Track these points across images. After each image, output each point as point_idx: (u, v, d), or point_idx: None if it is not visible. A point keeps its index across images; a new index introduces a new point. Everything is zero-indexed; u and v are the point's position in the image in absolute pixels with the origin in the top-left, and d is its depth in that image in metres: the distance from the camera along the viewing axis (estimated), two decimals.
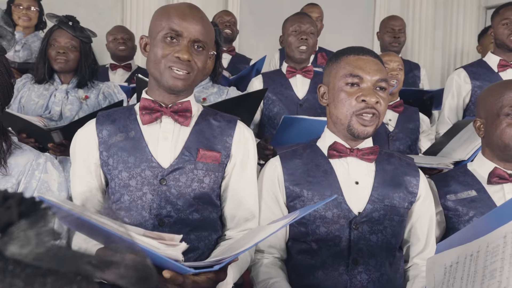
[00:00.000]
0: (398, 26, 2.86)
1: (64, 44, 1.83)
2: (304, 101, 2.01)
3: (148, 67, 1.14)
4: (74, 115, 1.84)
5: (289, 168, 1.23)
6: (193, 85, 1.16)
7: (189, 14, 1.11)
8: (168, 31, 1.08)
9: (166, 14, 1.12)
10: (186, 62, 1.08)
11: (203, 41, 1.11)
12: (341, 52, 1.25)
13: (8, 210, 0.30)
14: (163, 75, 1.09)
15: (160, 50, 1.09)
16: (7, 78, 1.14)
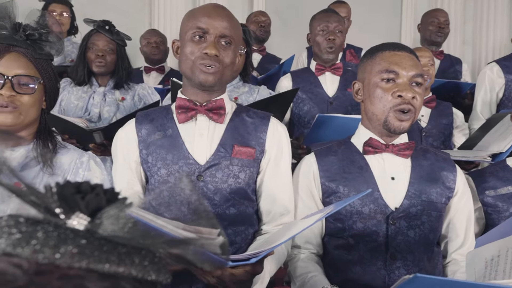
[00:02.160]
0: (443, 17, 2.82)
1: (102, 47, 1.90)
2: (334, 99, 2.00)
3: (180, 67, 1.19)
4: (112, 116, 1.90)
5: (324, 165, 1.24)
6: (224, 80, 1.18)
7: (213, 11, 1.15)
8: (195, 30, 1.12)
9: (192, 15, 1.17)
10: (214, 58, 1.11)
11: (229, 36, 1.14)
12: (376, 48, 1.26)
13: (97, 197, 0.33)
14: (194, 72, 1.13)
15: (189, 49, 1.13)
16: (54, 83, 1.19)
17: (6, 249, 0.30)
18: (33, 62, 1.12)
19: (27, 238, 0.30)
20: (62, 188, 0.33)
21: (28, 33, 1.12)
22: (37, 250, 0.30)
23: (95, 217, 0.33)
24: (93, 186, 0.35)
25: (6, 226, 0.31)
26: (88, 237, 0.32)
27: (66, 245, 0.30)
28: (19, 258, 0.30)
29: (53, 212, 0.33)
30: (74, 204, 0.33)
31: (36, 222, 0.32)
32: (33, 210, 0.33)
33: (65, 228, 0.32)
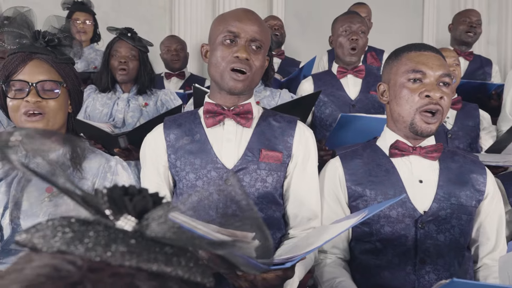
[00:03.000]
0: (475, 17, 2.78)
1: (124, 54, 1.94)
2: (356, 102, 1.98)
3: (209, 71, 1.19)
4: (136, 122, 1.94)
5: (350, 168, 1.22)
6: (252, 85, 1.19)
7: (244, 16, 1.16)
8: (226, 34, 1.13)
9: (223, 19, 1.18)
10: (244, 61, 1.12)
11: (259, 40, 1.15)
12: (401, 49, 1.24)
13: (144, 199, 0.34)
14: (223, 78, 1.14)
15: (220, 53, 1.14)
16: (77, 86, 1.22)
17: (61, 247, 0.31)
18: (55, 67, 1.15)
19: (80, 237, 0.32)
20: (111, 190, 0.34)
21: (47, 39, 1.15)
22: (90, 248, 0.31)
23: (142, 218, 0.34)
24: (140, 189, 0.35)
25: (60, 226, 0.33)
26: (136, 238, 0.33)
27: (117, 244, 0.31)
28: (73, 256, 0.31)
29: (103, 214, 0.34)
30: (123, 206, 0.34)
31: (87, 222, 0.33)
32: (83, 212, 0.34)
33: (114, 229, 0.33)
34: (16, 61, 1.12)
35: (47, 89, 1.12)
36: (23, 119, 1.11)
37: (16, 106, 1.11)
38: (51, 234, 0.32)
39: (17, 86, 1.11)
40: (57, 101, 1.14)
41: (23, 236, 0.33)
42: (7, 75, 1.12)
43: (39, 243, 0.32)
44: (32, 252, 0.32)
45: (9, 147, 0.35)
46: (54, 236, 0.32)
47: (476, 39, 2.79)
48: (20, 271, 0.30)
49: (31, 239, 0.32)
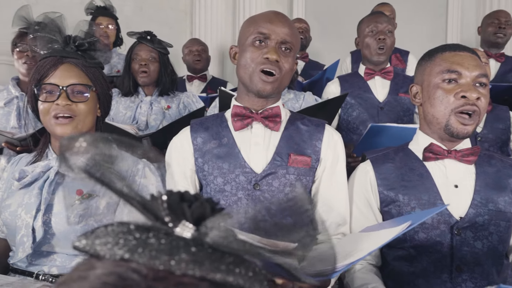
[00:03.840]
0: (504, 17, 2.71)
1: (145, 56, 1.96)
2: (385, 104, 1.94)
3: (238, 73, 1.18)
4: (159, 124, 1.95)
5: (382, 173, 1.19)
6: (281, 88, 1.17)
7: (275, 18, 1.15)
8: (257, 35, 1.12)
9: (253, 21, 1.17)
10: (274, 63, 1.10)
11: (290, 42, 1.13)
12: (435, 50, 1.21)
13: (202, 206, 0.33)
14: (252, 79, 1.12)
15: (249, 54, 1.13)
16: (106, 90, 1.23)
17: (125, 255, 0.30)
18: (84, 71, 1.16)
19: (142, 244, 0.31)
20: (168, 196, 0.33)
21: (78, 44, 1.16)
22: (154, 256, 0.30)
23: (200, 225, 0.33)
24: (196, 196, 0.34)
25: (121, 233, 0.32)
26: (197, 246, 0.32)
27: (180, 253, 0.30)
28: (137, 264, 0.30)
29: (162, 220, 0.33)
30: (181, 212, 0.33)
31: (147, 229, 0.32)
32: (141, 218, 0.33)
33: (174, 236, 0.32)
34: (48, 65, 1.13)
35: (77, 92, 1.14)
36: (53, 122, 1.12)
37: (47, 109, 1.12)
38: (113, 240, 0.31)
39: (48, 89, 1.12)
40: (87, 104, 1.15)
41: (83, 242, 0.32)
42: (39, 79, 1.14)
43: (101, 250, 0.31)
44: (93, 259, 0.31)
45: (71, 153, 0.34)
46: (117, 243, 0.31)
47: (507, 40, 2.71)
48: (84, 279, 0.29)
49: (93, 246, 0.31)
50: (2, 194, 1.21)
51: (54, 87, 1.12)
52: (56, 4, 2.95)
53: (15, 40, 1.89)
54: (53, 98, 1.12)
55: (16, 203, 1.13)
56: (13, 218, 1.12)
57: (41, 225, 1.08)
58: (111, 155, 0.35)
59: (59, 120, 1.12)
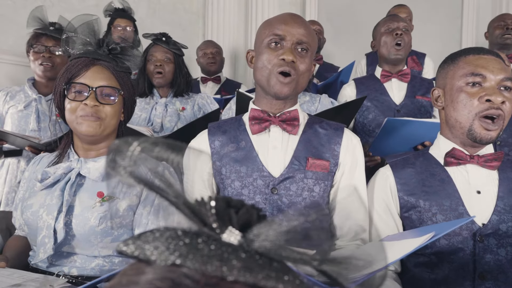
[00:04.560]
0: (510, 19, 2.68)
1: (160, 57, 1.96)
2: (401, 106, 1.91)
3: (255, 76, 1.17)
4: (173, 126, 1.95)
5: (402, 178, 1.18)
6: (298, 89, 1.16)
7: (290, 19, 1.14)
8: (272, 37, 1.12)
9: (268, 23, 1.17)
10: (291, 64, 1.10)
11: (306, 43, 1.12)
12: (458, 53, 1.19)
13: (248, 212, 0.33)
14: (269, 81, 1.12)
15: (266, 56, 1.12)
16: (132, 95, 1.23)
17: (176, 261, 0.30)
18: (114, 74, 1.17)
19: (193, 250, 0.30)
20: (216, 202, 0.33)
21: (110, 48, 1.17)
22: (206, 262, 0.30)
23: (246, 232, 0.33)
24: (241, 202, 0.34)
25: (170, 238, 0.31)
26: (245, 252, 0.31)
27: (231, 259, 0.30)
28: (189, 270, 0.30)
29: (210, 226, 0.33)
30: (227, 218, 0.33)
31: (195, 234, 0.32)
32: (186, 223, 0.33)
33: (222, 242, 0.32)
34: (80, 65, 1.14)
35: (105, 94, 1.15)
36: (79, 121, 1.13)
37: (74, 108, 1.13)
38: (163, 246, 0.31)
39: (78, 88, 1.13)
40: (113, 107, 1.16)
41: (131, 246, 0.32)
42: (70, 78, 1.14)
43: (152, 255, 0.31)
44: (142, 264, 0.31)
45: (121, 157, 0.34)
46: (167, 248, 0.31)
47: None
48: (135, 284, 0.29)
49: (143, 251, 0.31)
50: (24, 194, 1.22)
51: (84, 87, 1.13)
52: (71, 7, 2.98)
53: (30, 41, 1.90)
54: (82, 98, 1.13)
55: (38, 203, 1.14)
56: (34, 219, 1.12)
57: (62, 227, 1.08)
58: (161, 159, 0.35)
59: (85, 120, 1.13)
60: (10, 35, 2.69)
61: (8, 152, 1.88)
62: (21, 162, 1.88)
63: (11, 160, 1.89)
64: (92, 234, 1.10)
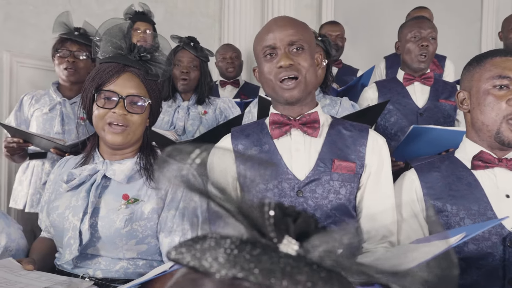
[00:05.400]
0: None
1: (187, 63, 1.96)
2: (424, 110, 1.89)
3: (264, 89, 1.18)
4: (196, 130, 1.94)
5: (428, 182, 1.16)
6: (309, 88, 1.14)
7: (274, 25, 1.13)
8: (265, 49, 1.12)
9: (259, 37, 1.17)
10: (290, 68, 1.09)
11: (297, 41, 1.11)
12: (484, 55, 1.17)
13: (306, 222, 0.32)
14: (276, 92, 1.12)
15: (265, 69, 1.12)
16: (159, 102, 1.24)
17: (238, 274, 0.29)
18: (144, 82, 1.17)
19: (255, 262, 0.29)
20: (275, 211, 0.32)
21: (141, 54, 1.17)
22: (269, 275, 0.29)
23: (305, 242, 0.32)
24: (297, 210, 0.33)
25: (228, 248, 0.30)
26: (307, 265, 0.30)
27: (294, 273, 0.29)
28: (252, 283, 0.29)
29: (268, 236, 0.32)
30: (284, 227, 0.32)
31: (252, 245, 0.31)
32: (238, 231, 0.32)
33: (281, 253, 0.31)
34: (111, 71, 1.14)
35: (134, 103, 1.15)
36: (106, 128, 1.14)
37: (102, 114, 1.14)
38: (222, 257, 0.30)
39: (107, 95, 1.14)
40: (141, 116, 1.16)
41: (186, 256, 0.31)
42: (100, 84, 1.15)
43: (211, 266, 0.29)
44: (198, 274, 0.30)
45: (176, 161, 0.33)
46: (227, 260, 0.30)
47: None
48: None
49: (200, 261, 0.30)
50: (50, 196, 1.24)
51: (114, 94, 1.13)
52: (90, 12, 3.03)
53: (56, 46, 1.93)
54: (111, 105, 1.13)
55: (64, 205, 1.15)
56: (61, 220, 1.13)
57: (87, 228, 1.09)
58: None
59: (112, 128, 1.13)
60: (32, 39, 2.74)
61: (33, 154, 1.91)
62: (45, 164, 1.91)
63: (36, 162, 1.92)
64: (117, 236, 1.11)
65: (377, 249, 1.13)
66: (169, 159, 0.34)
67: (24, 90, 2.61)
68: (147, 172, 1.17)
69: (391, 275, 0.32)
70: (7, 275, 0.99)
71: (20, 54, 2.68)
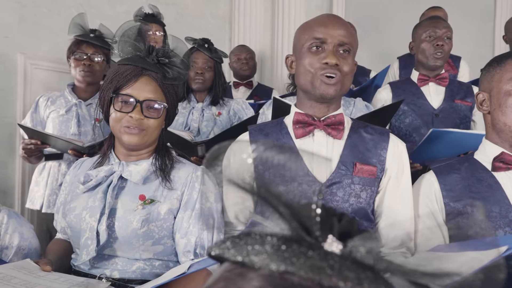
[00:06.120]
0: None
1: (201, 65, 1.96)
2: (440, 111, 1.87)
3: (298, 80, 1.16)
4: (210, 131, 1.95)
5: (447, 184, 1.15)
6: (343, 91, 1.14)
7: (329, 21, 1.12)
8: (313, 41, 1.10)
9: (307, 26, 1.15)
10: (334, 67, 1.08)
11: (347, 44, 1.10)
12: (505, 56, 1.16)
13: (350, 222, 0.32)
14: (314, 84, 1.10)
15: (308, 60, 1.10)
16: (176, 105, 1.24)
17: (288, 268, 0.29)
18: (161, 86, 1.17)
19: (304, 258, 0.29)
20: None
21: (159, 57, 1.17)
22: (319, 271, 0.29)
23: (348, 241, 0.32)
24: (341, 212, 0.34)
25: (275, 244, 0.31)
26: (354, 263, 0.30)
27: (342, 270, 0.29)
28: (301, 278, 0.29)
29: (313, 233, 0.32)
30: (329, 226, 0.32)
31: (297, 242, 0.31)
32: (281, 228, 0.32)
33: (326, 251, 0.31)
34: (129, 75, 1.15)
35: (150, 108, 1.15)
36: (122, 131, 1.14)
37: (119, 118, 1.14)
38: (271, 252, 0.30)
39: (125, 99, 1.14)
40: (157, 120, 1.17)
41: (231, 251, 0.31)
42: (118, 87, 1.15)
43: (260, 261, 0.30)
44: (244, 269, 0.30)
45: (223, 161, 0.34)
46: (276, 254, 0.30)
47: None
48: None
49: (248, 256, 0.30)
50: (66, 197, 1.24)
51: (131, 98, 1.14)
52: (103, 14, 3.05)
53: (71, 48, 1.95)
54: (128, 109, 1.13)
55: (81, 206, 1.16)
56: (78, 221, 1.14)
57: (105, 229, 1.10)
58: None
59: (129, 130, 1.14)
60: (45, 41, 2.77)
61: (49, 156, 1.92)
62: (62, 165, 1.92)
63: (52, 163, 1.94)
64: (134, 237, 1.11)
65: (395, 254, 1.11)
66: (218, 157, 0.34)
67: (37, 92, 2.64)
68: (162, 173, 1.18)
69: (434, 276, 0.31)
70: (26, 276, 1.00)
71: (34, 56, 2.71)
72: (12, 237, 1.28)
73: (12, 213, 1.32)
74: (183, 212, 1.16)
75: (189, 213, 1.16)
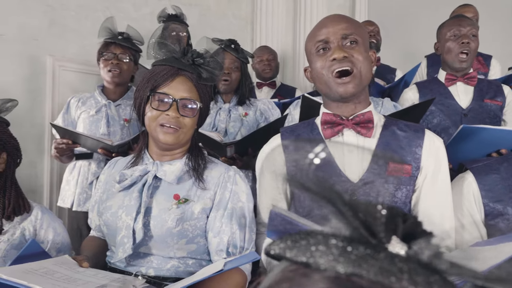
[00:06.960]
0: None
1: (228, 65, 1.97)
2: (468, 111, 1.83)
3: (317, 87, 1.16)
4: (237, 131, 1.95)
5: (486, 184, 1.13)
6: (364, 82, 1.10)
7: (328, 21, 1.12)
8: (317, 44, 1.10)
9: (310, 34, 1.15)
10: (344, 60, 1.06)
11: (351, 34, 1.08)
12: None
13: (415, 223, 0.32)
14: (330, 87, 1.09)
15: (318, 63, 1.10)
16: (209, 105, 1.26)
17: (354, 270, 0.29)
18: (196, 86, 1.19)
19: (371, 261, 0.29)
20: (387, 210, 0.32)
21: (194, 58, 1.19)
22: (388, 274, 0.28)
23: (411, 243, 0.31)
24: (404, 213, 0.33)
25: (340, 245, 0.30)
26: (421, 266, 0.30)
27: (411, 273, 0.29)
28: (368, 281, 0.28)
29: (377, 235, 0.31)
30: (392, 228, 0.31)
31: (362, 243, 0.31)
32: (343, 229, 0.32)
33: (392, 254, 0.30)
34: (166, 74, 1.17)
35: (186, 106, 1.17)
36: (158, 129, 1.16)
37: (155, 116, 1.16)
38: (336, 253, 0.29)
39: (161, 98, 1.16)
40: (192, 119, 1.18)
41: (294, 250, 0.31)
42: (155, 86, 1.17)
43: (326, 262, 0.29)
44: (307, 269, 0.30)
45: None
46: (342, 256, 0.29)
47: None
48: None
49: (312, 256, 0.30)
50: (101, 196, 1.27)
51: (168, 97, 1.16)
52: (128, 16, 3.10)
53: (101, 50, 1.99)
54: (165, 107, 1.15)
55: (117, 205, 1.18)
56: (114, 219, 1.16)
57: (141, 227, 1.12)
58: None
59: (165, 128, 1.15)
60: (73, 44, 2.83)
61: (80, 155, 1.97)
62: (92, 164, 1.97)
63: (82, 163, 1.98)
64: (169, 236, 1.13)
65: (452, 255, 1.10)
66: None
67: (65, 93, 2.70)
68: (196, 173, 1.19)
69: (494, 281, 0.31)
70: (67, 271, 1.02)
71: (62, 58, 2.77)
72: (47, 232, 1.32)
73: (44, 209, 1.36)
74: (216, 212, 1.17)
75: (222, 213, 1.17)
